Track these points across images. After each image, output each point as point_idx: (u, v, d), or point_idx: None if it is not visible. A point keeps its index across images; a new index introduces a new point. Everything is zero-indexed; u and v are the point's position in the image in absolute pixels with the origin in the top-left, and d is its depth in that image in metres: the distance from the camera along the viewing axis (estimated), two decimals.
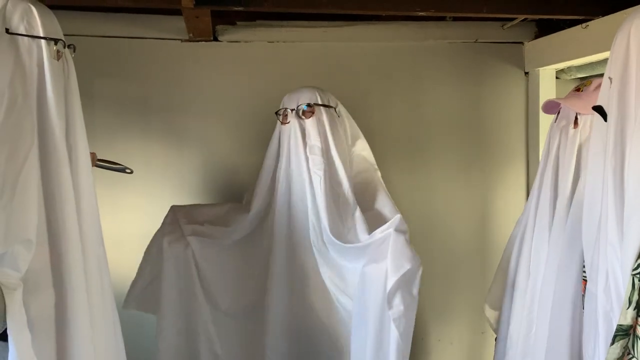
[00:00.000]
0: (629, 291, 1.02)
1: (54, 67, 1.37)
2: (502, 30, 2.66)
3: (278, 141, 2.11)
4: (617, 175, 1.07)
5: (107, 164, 1.94)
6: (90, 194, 1.48)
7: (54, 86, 1.35)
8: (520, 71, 2.75)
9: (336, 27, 2.58)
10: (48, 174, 1.34)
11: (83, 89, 1.51)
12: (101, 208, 1.66)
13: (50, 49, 1.36)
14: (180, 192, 2.54)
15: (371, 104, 2.67)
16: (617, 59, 1.07)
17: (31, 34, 1.33)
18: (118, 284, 2.38)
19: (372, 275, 1.80)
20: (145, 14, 2.44)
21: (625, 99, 1.05)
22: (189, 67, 2.55)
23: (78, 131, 1.45)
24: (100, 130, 2.42)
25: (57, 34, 1.40)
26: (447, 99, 2.72)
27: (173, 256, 2.02)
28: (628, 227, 1.03)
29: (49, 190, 1.34)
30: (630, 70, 1.04)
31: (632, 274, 1.02)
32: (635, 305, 1.01)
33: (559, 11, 2.18)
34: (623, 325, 1.03)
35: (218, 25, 2.50)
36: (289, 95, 2.09)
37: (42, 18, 1.35)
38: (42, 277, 1.32)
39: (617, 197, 1.07)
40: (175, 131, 2.56)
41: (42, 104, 1.34)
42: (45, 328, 1.32)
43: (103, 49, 2.46)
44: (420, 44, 2.67)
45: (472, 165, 2.75)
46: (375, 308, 1.77)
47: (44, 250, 1.32)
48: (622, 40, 1.07)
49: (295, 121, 2.04)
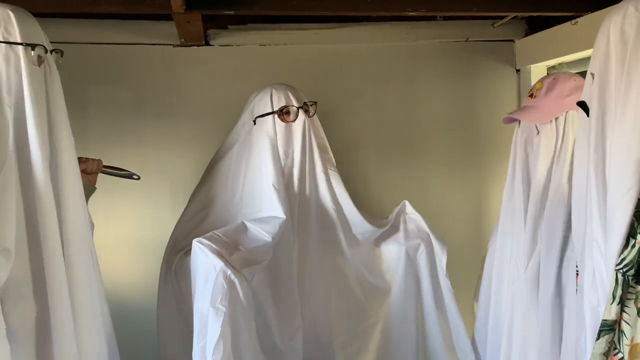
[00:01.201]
0: (612, 286, 1.03)
1: (34, 73, 1.34)
2: (493, 28, 2.68)
3: (275, 140, 1.97)
4: (598, 171, 1.08)
5: (113, 170, 1.90)
6: (75, 201, 1.45)
7: (34, 92, 1.33)
8: (512, 69, 2.76)
9: (327, 29, 2.59)
10: (27, 182, 1.32)
11: (76, 95, 1.51)
12: (96, 214, 1.66)
13: (28, 54, 1.33)
14: (175, 197, 2.53)
15: (364, 104, 2.68)
16: (598, 56, 1.09)
17: (8, 40, 1.32)
18: (114, 289, 2.40)
19: (417, 249, 2.01)
20: (136, 20, 2.44)
21: (605, 95, 1.07)
22: (181, 71, 2.55)
23: (62, 137, 1.42)
24: (94, 137, 2.42)
25: (37, 39, 1.37)
26: (439, 98, 2.73)
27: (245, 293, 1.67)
28: (611, 224, 1.04)
29: (28, 198, 1.32)
30: (610, 67, 1.06)
31: (616, 269, 1.03)
32: (619, 300, 1.03)
33: (547, 8, 2.20)
34: (608, 321, 1.04)
35: (209, 29, 2.51)
36: (276, 93, 1.98)
37: (20, 24, 1.34)
38: (23, 287, 1.30)
39: (600, 193, 1.08)
40: (170, 136, 2.56)
41: (20, 111, 1.32)
42: (26, 338, 1.30)
43: (95, 55, 2.46)
44: (411, 44, 2.68)
45: (465, 163, 2.76)
46: (428, 272, 2.01)
47: (24, 260, 1.30)
48: (602, 37, 1.08)
49: (303, 119, 1.98)
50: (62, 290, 1.35)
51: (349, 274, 2.02)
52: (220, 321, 1.56)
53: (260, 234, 1.83)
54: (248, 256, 1.74)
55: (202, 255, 1.65)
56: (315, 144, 2.01)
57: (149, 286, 2.19)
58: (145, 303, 2.40)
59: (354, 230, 2.03)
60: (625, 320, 1.04)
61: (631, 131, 1.01)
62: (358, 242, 2.03)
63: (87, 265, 1.48)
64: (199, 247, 1.66)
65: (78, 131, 1.50)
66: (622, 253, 1.03)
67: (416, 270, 2.02)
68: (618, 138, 1.03)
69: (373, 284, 2.04)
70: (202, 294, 1.63)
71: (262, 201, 1.93)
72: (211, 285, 1.59)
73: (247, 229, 1.85)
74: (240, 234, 1.83)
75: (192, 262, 1.71)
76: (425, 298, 2.03)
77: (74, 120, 1.50)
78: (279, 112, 1.97)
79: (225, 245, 1.71)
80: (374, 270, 2.04)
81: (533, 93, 1.73)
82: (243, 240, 1.80)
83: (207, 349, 1.56)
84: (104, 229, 1.80)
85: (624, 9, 1.05)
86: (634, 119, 1.00)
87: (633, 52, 1.01)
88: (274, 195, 1.90)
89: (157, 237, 2.27)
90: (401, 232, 2.06)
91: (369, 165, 2.71)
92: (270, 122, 1.97)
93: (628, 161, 1.01)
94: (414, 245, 2.01)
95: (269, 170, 1.93)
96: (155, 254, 2.10)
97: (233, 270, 1.61)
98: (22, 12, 1.37)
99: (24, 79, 1.33)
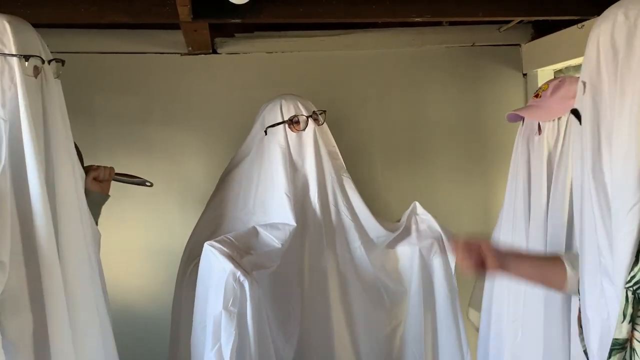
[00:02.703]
0: (622, 305, 1.01)
1: (29, 84, 1.34)
2: (499, 33, 2.68)
3: (286, 150, 1.99)
4: (599, 185, 1.04)
5: (125, 178, 1.90)
6: (75, 212, 1.44)
7: (29, 105, 1.32)
8: (519, 73, 2.76)
9: (333, 35, 2.60)
10: (22, 195, 1.31)
11: (84, 104, 1.52)
12: (102, 223, 1.67)
13: (23, 66, 1.33)
14: (183, 204, 2.55)
15: (371, 110, 2.68)
16: (589, 64, 1.07)
17: (2, 52, 1.31)
18: (124, 296, 2.41)
19: (430, 248, 2.04)
20: (144, 29, 2.46)
21: (599, 105, 1.04)
22: (188, 80, 2.57)
23: (60, 147, 1.41)
24: (101, 145, 2.43)
25: (33, 50, 1.37)
26: (446, 102, 2.73)
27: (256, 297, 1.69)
28: (617, 242, 1.01)
29: (23, 211, 1.31)
30: (602, 76, 1.03)
31: (626, 287, 1.01)
32: (630, 319, 1.00)
33: (553, 12, 2.19)
34: (619, 339, 1.02)
35: (216, 37, 2.53)
36: (286, 103, 2.02)
37: (16, 35, 1.33)
38: (19, 298, 1.30)
39: (603, 208, 1.04)
40: (177, 144, 2.58)
41: (15, 124, 1.31)
42: (23, 349, 1.30)
43: (103, 65, 2.49)
44: (417, 50, 2.69)
45: (473, 167, 2.76)
46: (441, 270, 2.03)
47: (20, 272, 1.30)
48: (592, 46, 1.07)
49: (313, 127, 2.00)
50: (59, 301, 1.35)
51: (367, 282, 2.03)
52: (233, 324, 1.59)
53: (271, 240, 1.85)
54: (258, 260, 1.77)
55: (213, 258, 1.68)
56: (326, 152, 2.03)
57: (158, 293, 2.21)
58: (154, 309, 2.41)
59: (371, 234, 2.04)
60: (637, 338, 1.01)
61: (628, 143, 0.98)
62: (375, 246, 2.05)
63: (85, 276, 1.46)
64: (210, 250, 1.69)
65: (86, 139, 1.52)
66: (632, 271, 1.00)
67: (430, 270, 2.05)
68: (615, 151, 1.00)
69: (392, 288, 2.06)
70: (214, 296, 1.65)
71: (273, 209, 1.96)
72: (222, 287, 1.62)
73: (259, 233, 1.87)
74: (252, 238, 1.85)
75: (203, 264, 1.72)
76: (439, 298, 2.06)
77: (82, 129, 1.51)
78: (289, 121, 2.00)
79: (236, 248, 1.73)
80: (391, 274, 2.07)
81: (539, 93, 1.74)
82: (254, 245, 1.83)
83: (223, 352, 1.59)
84: (113, 237, 1.81)
85: (613, 16, 1.03)
86: (629, 130, 0.97)
87: (624, 61, 0.99)
88: (286, 203, 1.92)
89: (165, 244, 2.29)
90: (414, 233, 2.09)
91: (377, 171, 2.71)
92: (282, 132, 2.00)
93: (628, 175, 0.98)
94: (427, 245, 2.05)
95: (281, 178, 1.95)
96: (163, 261, 2.12)
97: (243, 272, 1.63)
98: (18, 22, 1.36)
99: (19, 90, 1.31)
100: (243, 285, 1.62)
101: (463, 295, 2.10)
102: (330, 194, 2.02)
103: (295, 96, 2.06)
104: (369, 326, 2.03)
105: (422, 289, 2.05)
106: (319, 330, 1.96)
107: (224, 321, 1.59)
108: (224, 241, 1.74)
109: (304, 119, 1.99)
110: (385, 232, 2.05)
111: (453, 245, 1.52)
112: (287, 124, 2.00)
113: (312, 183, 1.99)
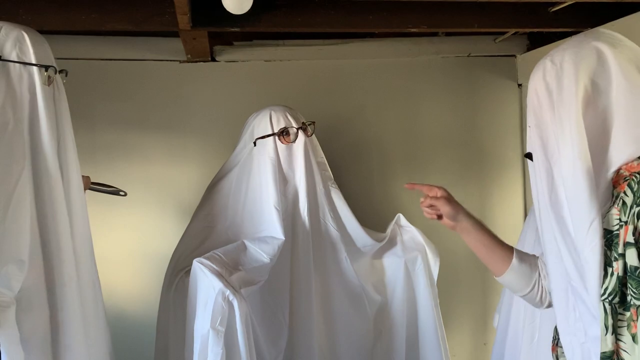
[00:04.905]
0: (602, 317, 1.06)
1: (46, 93, 1.40)
2: (494, 44, 2.71)
3: (276, 162, 1.99)
4: (557, 214, 1.15)
5: (100, 187, 1.92)
6: (82, 213, 1.51)
7: (46, 111, 1.39)
8: (514, 83, 2.79)
9: (331, 45, 2.63)
10: (41, 196, 1.37)
11: (83, 110, 1.54)
12: (100, 227, 1.69)
13: (41, 75, 1.38)
14: (181, 212, 2.56)
15: (367, 119, 2.70)
16: (531, 108, 1.23)
17: (23, 60, 1.37)
18: (114, 302, 2.42)
19: (415, 261, 2.10)
20: (143, 37, 2.49)
21: (547, 142, 1.18)
22: (187, 87, 2.59)
23: (69, 153, 1.48)
24: (100, 152, 2.45)
25: (48, 61, 1.43)
26: (442, 113, 2.75)
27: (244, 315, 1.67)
28: (584, 260, 1.09)
29: (42, 211, 1.37)
30: (544, 116, 1.19)
31: (602, 300, 1.07)
32: (612, 330, 1.05)
33: (548, 24, 2.23)
34: (606, 352, 1.06)
35: (215, 45, 2.55)
36: (275, 114, 2.01)
37: (34, 45, 1.39)
38: (35, 296, 1.34)
39: (565, 234, 1.14)
40: (175, 151, 2.59)
41: (35, 129, 1.38)
42: (39, 345, 1.34)
43: (103, 71, 2.51)
44: (414, 60, 2.72)
45: (469, 177, 2.78)
46: (425, 283, 2.09)
47: (37, 270, 1.35)
48: (531, 92, 1.24)
49: (303, 139, 2.01)
50: (74, 299, 1.41)
51: (353, 293, 2.04)
52: (220, 343, 1.58)
53: (259, 255, 1.85)
54: (246, 276, 1.77)
55: (202, 275, 1.67)
56: (315, 163, 2.05)
57: (151, 298, 2.20)
58: (147, 315, 2.41)
59: (358, 243, 2.07)
60: (623, 348, 1.06)
61: (573, 160, 1.10)
62: (361, 255, 2.08)
63: (92, 276, 1.53)
64: (199, 268, 1.69)
65: (85, 145, 1.55)
66: (604, 283, 1.07)
67: (413, 282, 2.10)
68: (565, 170, 1.12)
69: (375, 299, 2.08)
70: (202, 314, 1.65)
71: (262, 222, 1.95)
72: (211, 306, 1.61)
73: (247, 248, 1.86)
74: (240, 253, 1.84)
75: (192, 282, 1.72)
76: (421, 311, 2.11)
77: (81, 135, 1.54)
78: (279, 133, 2.00)
79: (225, 265, 1.73)
80: (376, 284, 2.10)
81: None
82: (242, 260, 1.82)
83: None
84: (107, 242, 1.82)
85: (542, 64, 1.21)
86: (572, 148, 1.10)
87: (558, 96, 1.15)
88: (275, 216, 1.91)
89: (160, 250, 2.29)
90: (399, 245, 2.15)
91: (372, 180, 2.73)
92: (271, 144, 2.00)
93: (580, 191, 1.08)
94: (412, 257, 2.11)
95: (271, 191, 1.95)
96: (158, 267, 2.12)
97: (232, 291, 1.62)
98: (34, 34, 1.42)
99: (39, 99, 1.38)
100: (232, 304, 1.62)
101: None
102: (319, 206, 2.04)
103: (284, 107, 2.06)
104: (350, 338, 2.05)
105: (405, 302, 2.10)
106: (303, 343, 1.96)
107: (211, 340, 1.59)
108: (213, 258, 1.73)
109: (294, 131, 2.00)
110: (372, 241, 2.08)
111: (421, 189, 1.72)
112: (277, 135, 2.00)
113: (302, 195, 2.00)
